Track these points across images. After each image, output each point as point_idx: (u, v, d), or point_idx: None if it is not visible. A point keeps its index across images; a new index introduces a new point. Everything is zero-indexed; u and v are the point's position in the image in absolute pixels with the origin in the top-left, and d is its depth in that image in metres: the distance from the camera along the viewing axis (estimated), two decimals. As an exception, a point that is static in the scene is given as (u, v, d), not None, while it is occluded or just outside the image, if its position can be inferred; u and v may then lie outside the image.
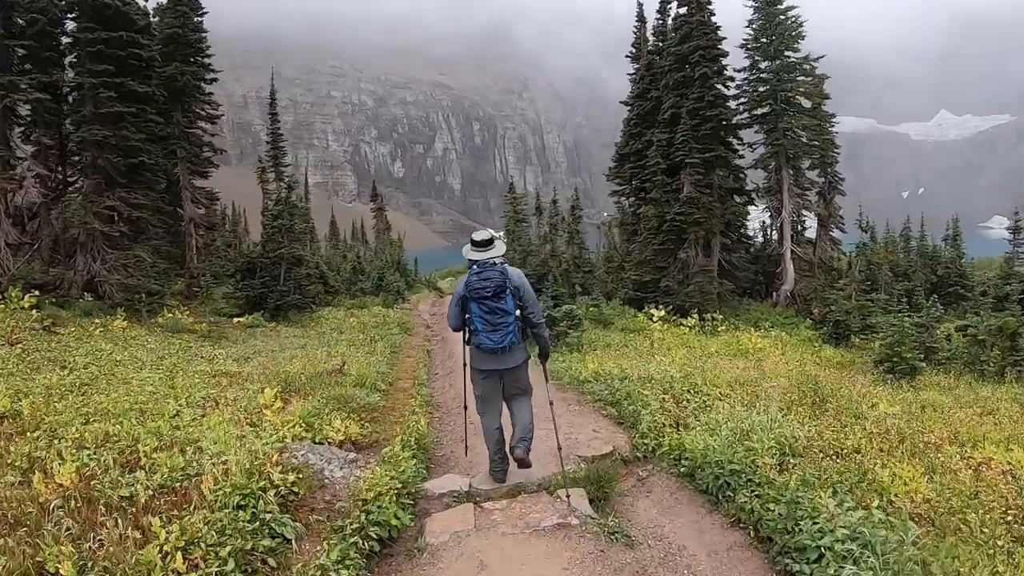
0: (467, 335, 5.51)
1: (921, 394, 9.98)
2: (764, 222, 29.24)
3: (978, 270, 35.81)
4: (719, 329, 20.07)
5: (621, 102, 30.00)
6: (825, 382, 9.28)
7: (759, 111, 25.34)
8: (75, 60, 18.09)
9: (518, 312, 5.36)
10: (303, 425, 6.80)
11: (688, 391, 8.50)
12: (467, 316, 5.40)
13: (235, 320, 19.39)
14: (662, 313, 20.38)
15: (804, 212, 25.37)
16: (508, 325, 5.28)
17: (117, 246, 17.86)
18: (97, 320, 15.00)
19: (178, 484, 4.75)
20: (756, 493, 5.01)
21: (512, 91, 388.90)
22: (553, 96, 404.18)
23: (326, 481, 5.51)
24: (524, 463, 5.52)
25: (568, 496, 5.34)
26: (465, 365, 5.70)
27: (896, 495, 4.84)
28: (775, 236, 28.38)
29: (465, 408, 6.44)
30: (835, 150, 25.60)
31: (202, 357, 13.39)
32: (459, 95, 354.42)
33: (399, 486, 5.20)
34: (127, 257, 17.72)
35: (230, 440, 5.75)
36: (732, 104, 24.51)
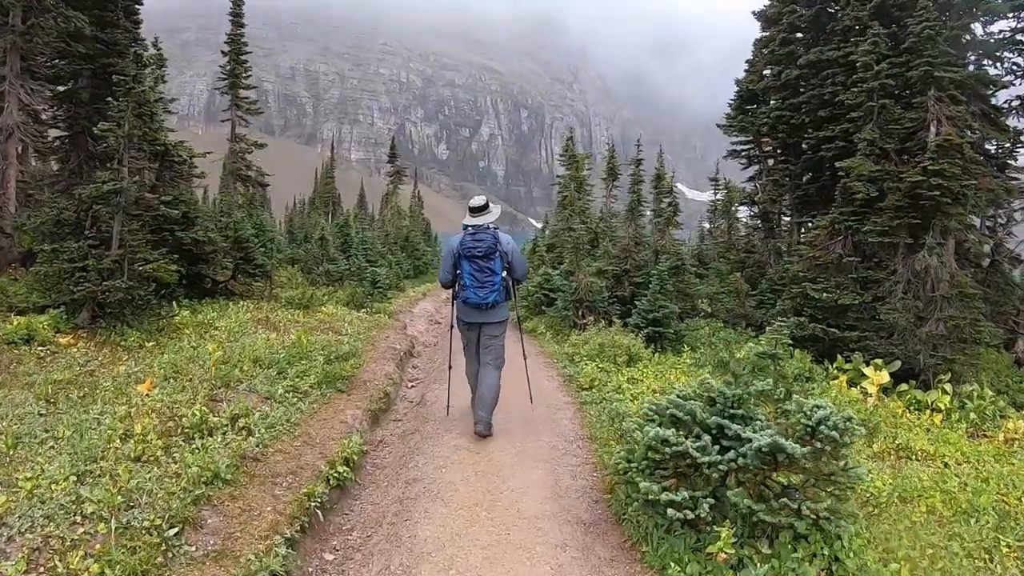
0: (456, 290, 5.80)
1: None
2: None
3: None
4: (998, 421, 9.14)
5: (753, 12, 18.94)
6: None
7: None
8: None
9: (504, 273, 5.69)
10: None
11: None
12: (457, 272, 5.72)
13: (14, 320, 8.83)
14: (884, 377, 9.55)
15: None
16: (495, 284, 5.63)
17: None
18: None
19: None
20: None
21: (562, 81, 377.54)
22: (602, 89, 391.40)
23: None
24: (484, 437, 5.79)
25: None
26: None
27: None
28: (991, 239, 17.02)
29: (450, 368, 6.46)
30: None
31: None
32: (508, 81, 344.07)
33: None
34: None
35: None
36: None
